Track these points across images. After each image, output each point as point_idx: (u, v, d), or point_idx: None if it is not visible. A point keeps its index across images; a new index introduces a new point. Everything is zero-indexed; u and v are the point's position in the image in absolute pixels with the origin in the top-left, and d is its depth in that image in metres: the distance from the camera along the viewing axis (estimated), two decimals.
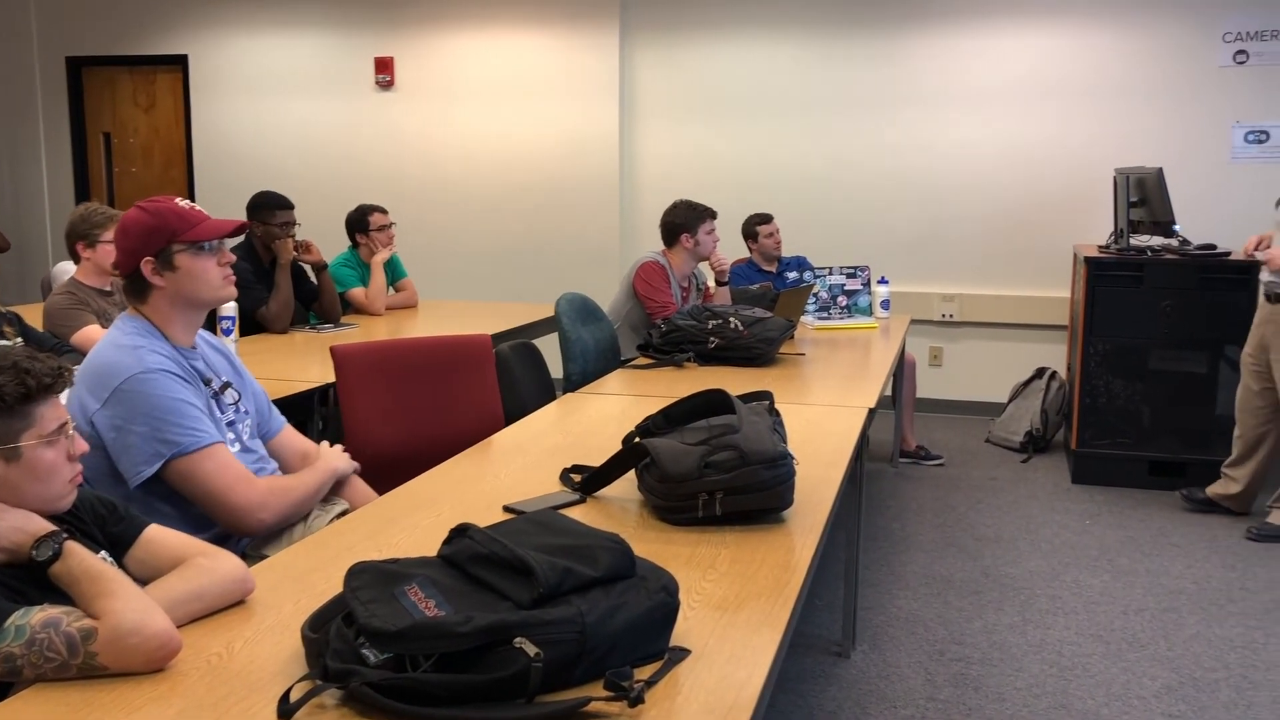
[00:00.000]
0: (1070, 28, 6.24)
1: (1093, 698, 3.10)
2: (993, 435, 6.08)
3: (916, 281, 6.49)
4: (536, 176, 7.09)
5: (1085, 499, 5.02)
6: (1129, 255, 5.22)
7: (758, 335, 3.81)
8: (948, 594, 3.87)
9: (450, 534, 1.60)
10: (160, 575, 1.64)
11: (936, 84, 6.46)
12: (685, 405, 2.31)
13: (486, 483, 2.41)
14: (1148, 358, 5.19)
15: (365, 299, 5.12)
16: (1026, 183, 6.40)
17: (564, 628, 1.39)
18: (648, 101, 6.95)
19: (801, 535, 2.06)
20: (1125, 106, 6.21)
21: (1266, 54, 6.01)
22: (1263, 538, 4.54)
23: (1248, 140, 6.11)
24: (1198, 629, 3.58)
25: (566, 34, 6.92)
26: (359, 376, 3.03)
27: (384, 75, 7.21)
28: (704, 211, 4.69)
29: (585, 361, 4.14)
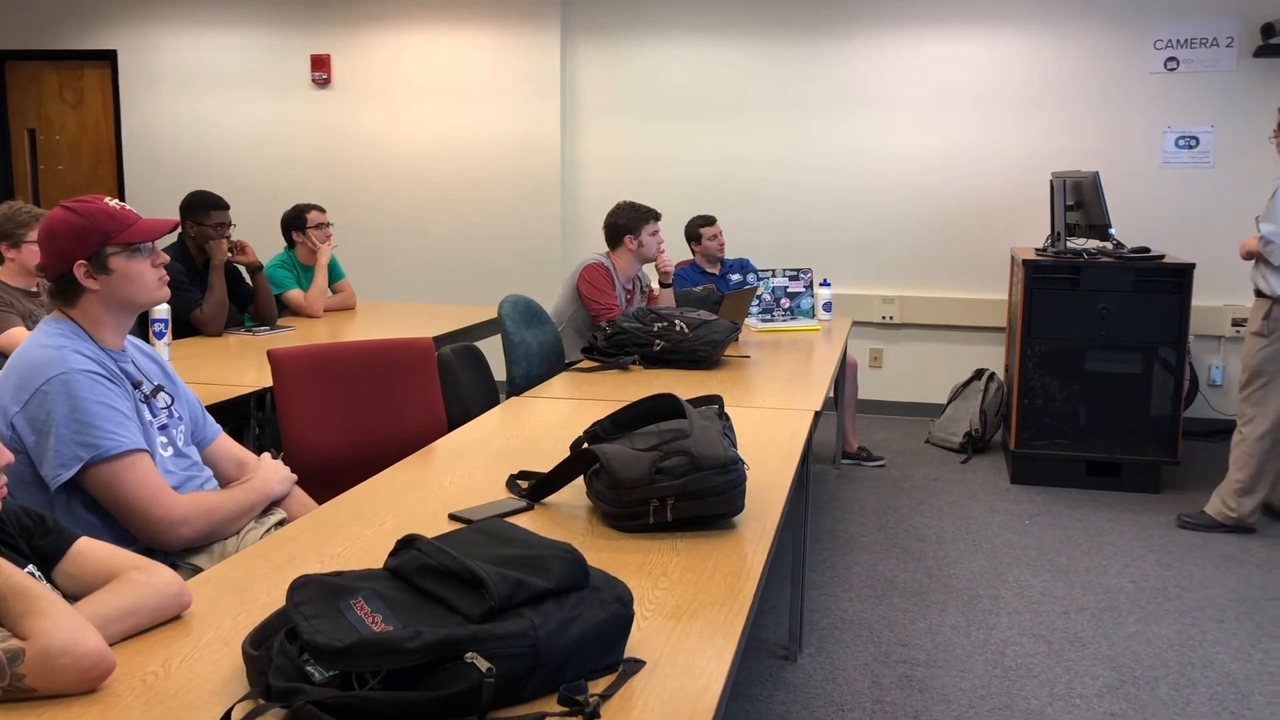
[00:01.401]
0: (1007, 35, 6.32)
1: (1036, 697, 3.12)
2: (933, 436, 6.13)
3: (857, 284, 6.53)
4: (477, 177, 7.02)
5: (1024, 499, 5.08)
6: (1066, 258, 5.29)
7: (703, 338, 3.79)
8: (892, 595, 3.88)
9: (397, 545, 1.55)
10: (91, 591, 1.57)
11: (877, 88, 6.51)
12: (635, 410, 2.27)
13: (431, 490, 2.36)
14: (1084, 359, 5.27)
15: (303, 301, 5.02)
16: (965, 186, 6.47)
17: (516, 642, 1.35)
18: (589, 102, 6.91)
19: (753, 541, 2.04)
20: (1060, 112, 6.30)
21: (1196, 61, 6.13)
22: (1192, 526, 4.65)
23: (1178, 145, 6.23)
24: (1137, 627, 3.62)
25: (507, 33, 6.86)
26: (297, 381, 2.96)
27: (320, 73, 7.09)
28: (647, 213, 4.67)
29: (529, 364, 4.09)
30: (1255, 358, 4.58)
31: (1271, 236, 4.43)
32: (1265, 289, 4.54)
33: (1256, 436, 4.57)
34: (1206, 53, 6.12)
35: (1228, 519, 4.60)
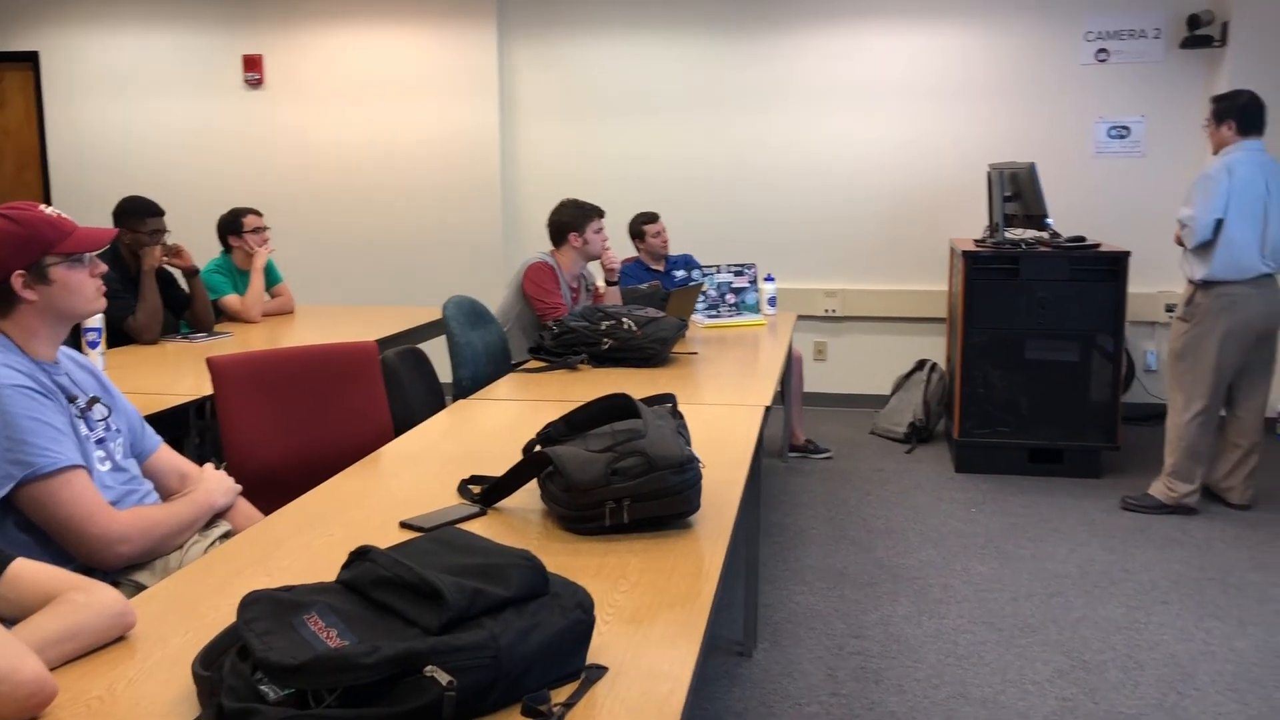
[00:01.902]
0: (942, 28, 6.38)
1: (989, 685, 3.15)
2: (877, 427, 6.18)
3: (800, 278, 6.56)
4: (416, 176, 6.93)
5: (969, 487, 5.13)
6: (1004, 248, 5.36)
7: (651, 335, 3.77)
8: (844, 587, 3.90)
9: (350, 557, 1.51)
10: (29, 614, 1.51)
11: (815, 83, 6.54)
12: (588, 411, 2.25)
13: (380, 498, 2.31)
14: (1024, 348, 5.33)
15: (240, 306, 4.92)
16: (904, 179, 6.52)
17: (477, 653, 1.32)
18: (528, 100, 6.86)
19: (710, 540, 2.03)
20: (995, 104, 6.38)
21: (1125, 52, 6.24)
22: (1135, 509, 4.75)
23: (1110, 135, 6.33)
24: (1084, 611, 3.67)
25: (443, 31, 6.78)
26: (238, 388, 2.89)
27: (253, 73, 6.96)
28: (592, 210, 4.64)
29: (475, 366, 4.05)
30: (1178, 341, 4.70)
31: (1186, 220, 4.55)
32: (1188, 273, 4.65)
33: (1185, 420, 4.68)
34: (1135, 44, 6.23)
35: (1170, 499, 4.69)
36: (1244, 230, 4.52)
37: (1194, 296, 4.64)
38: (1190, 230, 4.53)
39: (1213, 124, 4.68)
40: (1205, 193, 4.53)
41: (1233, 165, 4.54)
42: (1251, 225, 4.53)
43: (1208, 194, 4.53)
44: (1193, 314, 4.64)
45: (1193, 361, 4.65)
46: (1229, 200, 4.50)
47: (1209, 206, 4.51)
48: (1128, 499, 4.81)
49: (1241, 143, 4.60)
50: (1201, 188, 4.56)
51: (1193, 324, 4.64)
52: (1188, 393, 4.68)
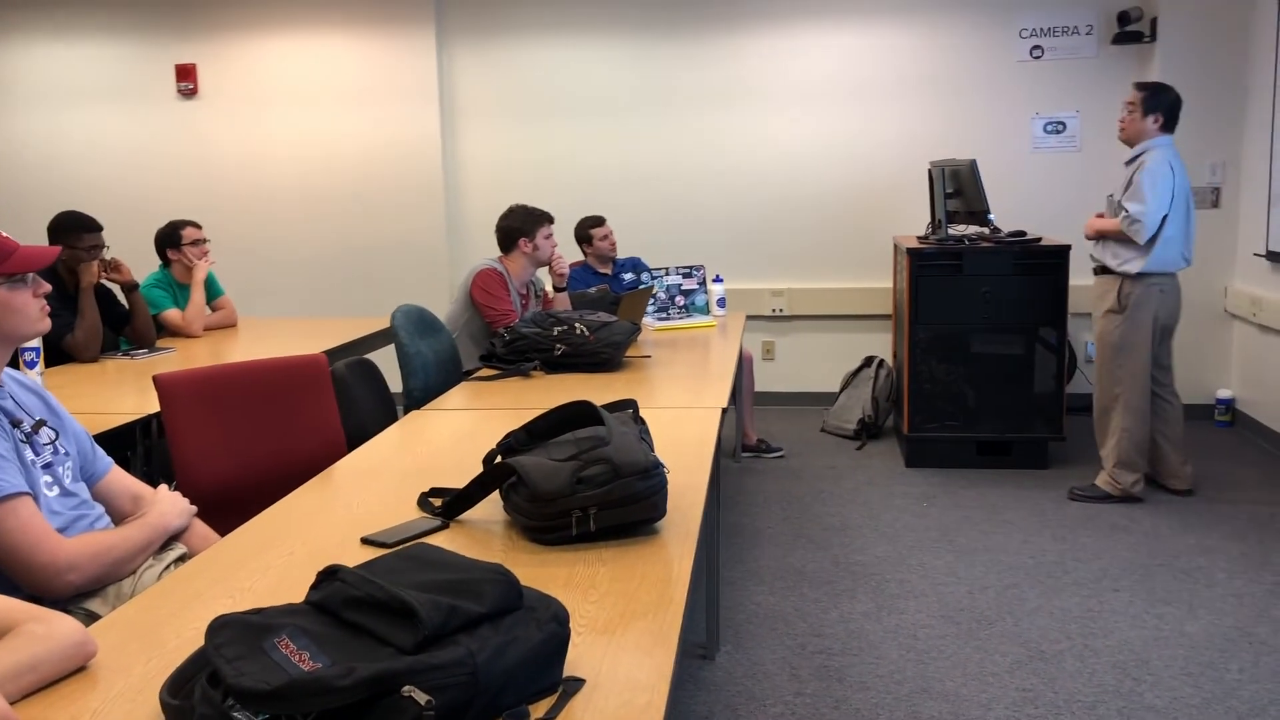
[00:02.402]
0: (881, 28, 6.44)
1: (951, 679, 3.18)
2: (827, 424, 6.22)
3: (746, 278, 6.58)
4: (356, 184, 6.85)
5: (920, 482, 5.18)
6: (948, 245, 5.42)
7: (604, 340, 3.76)
8: (803, 586, 3.91)
9: (318, 577, 1.48)
10: None
11: (756, 83, 6.57)
12: (549, 419, 2.23)
13: (338, 514, 2.27)
14: (970, 342, 5.40)
15: (181, 320, 4.83)
16: (845, 178, 6.57)
17: (454, 671, 1.30)
18: (469, 105, 6.81)
19: (677, 545, 2.02)
20: (934, 102, 6.45)
21: (1059, 49, 6.35)
22: (1083, 498, 4.82)
23: (1046, 131, 6.44)
24: (1039, 602, 3.72)
25: (380, 37, 6.71)
26: (186, 406, 2.82)
27: (186, 83, 6.83)
28: (541, 216, 4.61)
29: (426, 376, 4.00)
30: (1114, 335, 4.75)
31: (1138, 215, 4.57)
32: (1116, 266, 4.71)
33: (1124, 412, 4.75)
34: (1068, 40, 6.34)
35: (1116, 490, 4.77)
36: (1177, 226, 4.63)
37: (1124, 288, 4.71)
38: (1142, 225, 4.57)
39: (1139, 111, 4.71)
40: (1155, 189, 4.57)
41: (1171, 162, 4.63)
42: (1182, 221, 4.66)
43: (1157, 190, 4.57)
44: (1125, 305, 4.71)
45: (1130, 352, 4.74)
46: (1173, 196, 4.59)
47: (1161, 203, 4.57)
48: (1075, 490, 4.89)
49: (1161, 138, 4.69)
50: (1150, 183, 4.58)
51: (1125, 316, 4.71)
52: (1125, 384, 4.76)
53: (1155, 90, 4.76)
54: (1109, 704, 3.02)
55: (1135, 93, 4.78)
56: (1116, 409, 4.80)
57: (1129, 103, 4.77)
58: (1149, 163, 4.64)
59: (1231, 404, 6.11)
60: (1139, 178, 4.65)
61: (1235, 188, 6.09)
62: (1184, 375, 6.18)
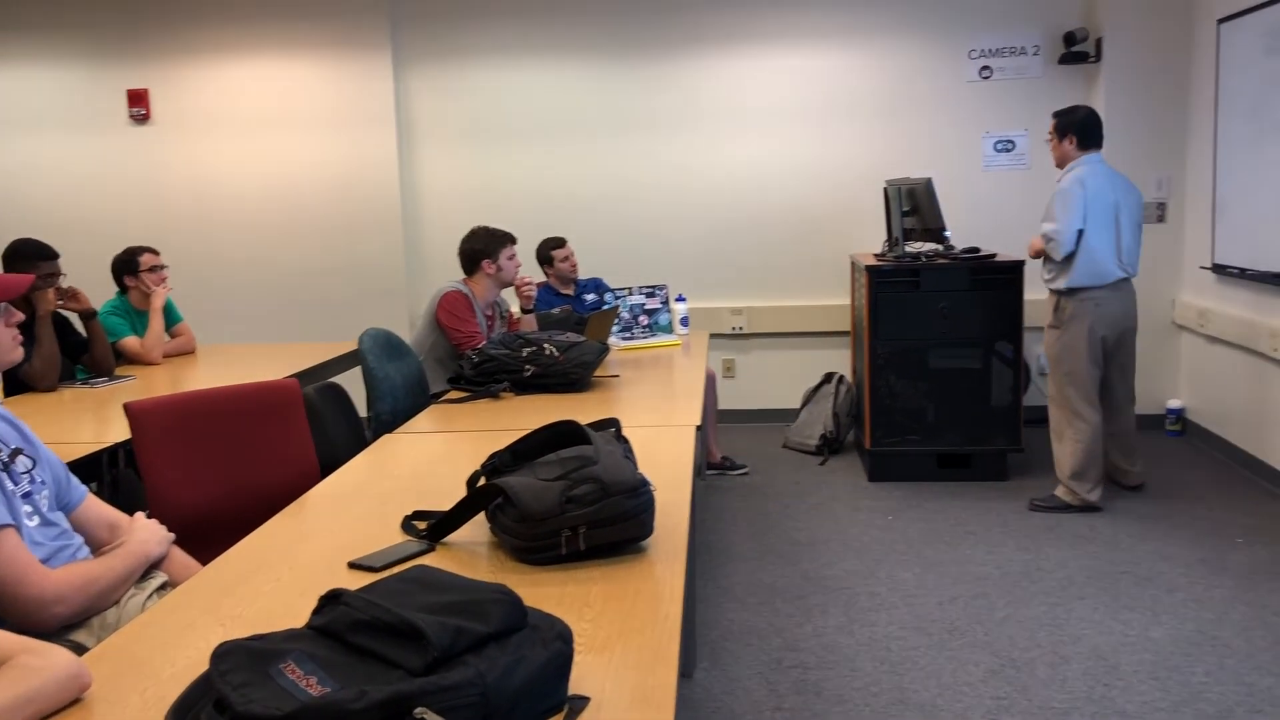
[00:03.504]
0: (835, 51, 6.54)
1: (926, 689, 3.22)
2: (789, 441, 6.27)
3: (706, 297, 6.62)
4: (313, 209, 6.81)
5: (884, 496, 5.24)
6: (905, 262, 5.50)
7: (574, 360, 3.77)
8: (775, 601, 3.94)
9: (321, 601, 1.47)
10: None
11: (712, 105, 6.63)
12: (533, 439, 2.23)
13: (322, 539, 2.26)
14: (928, 357, 5.47)
15: (140, 348, 4.77)
16: (803, 197, 6.65)
17: (465, 691, 1.30)
18: (426, 129, 6.81)
19: (665, 562, 2.03)
20: (888, 122, 6.56)
21: (1008, 69, 6.48)
22: (1042, 509, 4.92)
23: (997, 149, 6.57)
24: (1008, 611, 3.78)
25: (335, 62, 6.69)
26: (158, 434, 2.79)
27: (138, 109, 6.76)
28: (504, 237, 4.62)
29: (395, 399, 3.98)
30: (1054, 348, 4.96)
31: (1051, 234, 4.79)
32: (1047, 283, 4.93)
33: (1076, 426, 4.88)
34: (1016, 61, 6.48)
35: (1075, 500, 4.87)
36: (1101, 239, 4.79)
37: (1060, 304, 4.90)
38: (1056, 243, 4.77)
39: (1055, 138, 4.96)
40: (1064, 206, 4.78)
41: (1084, 178, 4.81)
42: (1107, 233, 4.81)
43: (1067, 207, 4.77)
44: (1062, 320, 4.90)
45: (1070, 365, 4.89)
46: (1086, 211, 4.76)
47: (1070, 219, 4.75)
48: (1035, 501, 4.98)
49: (1084, 157, 4.88)
50: (1060, 202, 4.80)
51: (1063, 330, 4.89)
52: (1073, 398, 4.89)
53: (1063, 114, 5.00)
54: (1082, 710, 3.07)
55: (1051, 121, 5.03)
56: (1065, 420, 4.93)
57: (1048, 133, 5.03)
58: (1062, 182, 4.88)
59: (1182, 413, 6.24)
60: (1052, 198, 4.89)
61: (1180, 202, 6.25)
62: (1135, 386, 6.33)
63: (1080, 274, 4.80)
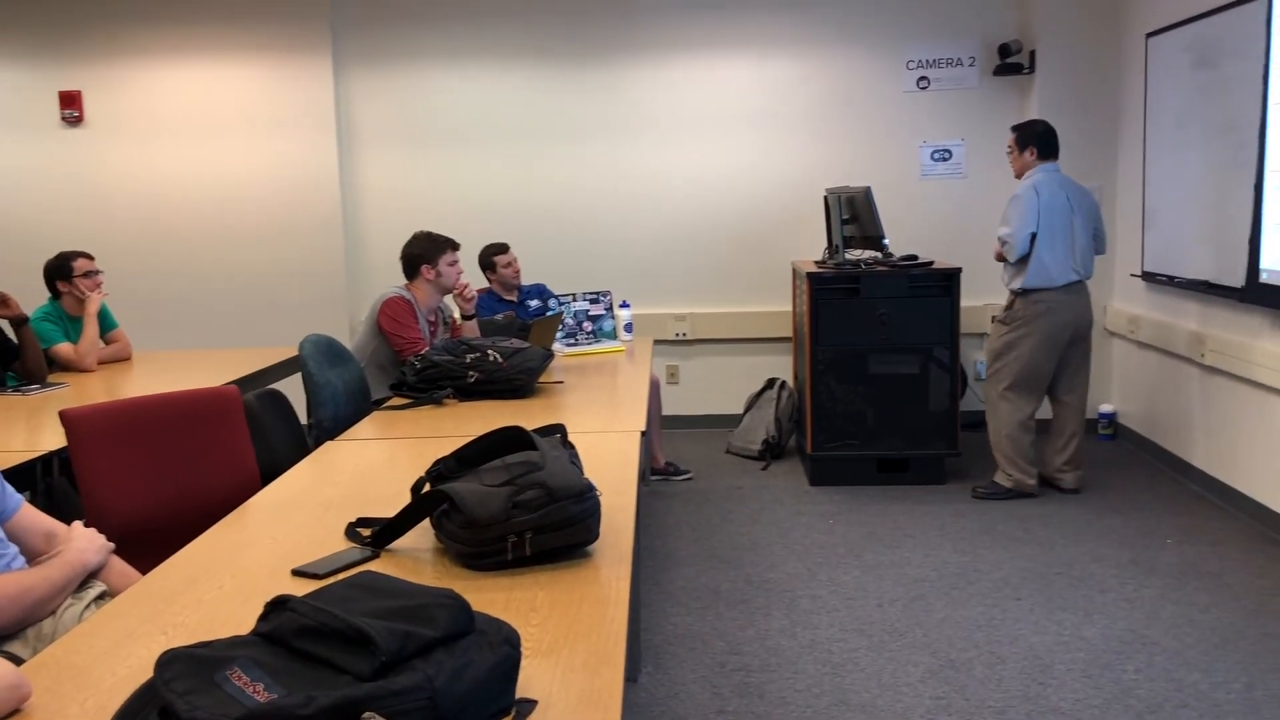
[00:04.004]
0: (776, 59, 6.61)
1: (867, 690, 3.26)
2: (732, 446, 6.31)
3: (650, 303, 6.65)
4: (252, 214, 6.73)
5: (825, 500, 5.30)
6: (845, 269, 5.57)
7: (518, 366, 3.77)
8: (718, 605, 3.97)
9: (267, 608, 1.47)
10: None
11: (657, 112, 6.67)
12: (479, 445, 2.24)
13: (264, 547, 2.24)
14: (868, 363, 5.54)
15: (74, 354, 4.68)
16: (744, 204, 6.71)
17: (414, 696, 1.30)
18: (368, 133, 6.76)
19: (611, 567, 2.05)
20: (828, 131, 6.64)
21: (945, 80, 6.60)
22: (986, 496, 5.18)
23: (934, 158, 6.68)
24: (945, 613, 3.84)
25: (275, 66, 6.63)
26: (96, 441, 2.75)
27: (71, 110, 6.63)
28: (444, 242, 4.60)
29: (336, 406, 3.95)
30: (997, 342, 5.24)
31: (1005, 238, 5.05)
32: (1006, 284, 5.18)
33: (1008, 419, 5.17)
34: (953, 72, 6.60)
35: (1013, 484, 5.17)
36: (1054, 242, 5.03)
37: (1013, 304, 5.17)
38: (1010, 245, 5.03)
39: (1015, 150, 5.21)
40: (1018, 212, 5.04)
41: (1038, 185, 5.06)
42: (1061, 237, 5.04)
43: (1020, 212, 5.03)
44: (1011, 319, 5.17)
45: (1009, 360, 5.16)
46: (1039, 216, 5.00)
47: (1023, 224, 5.00)
48: (977, 489, 5.26)
49: (1041, 165, 5.14)
50: (1014, 208, 5.07)
51: (1010, 328, 5.17)
52: (1002, 388, 5.19)
53: (1024, 128, 5.27)
54: (1018, 708, 3.13)
55: (1010, 135, 5.28)
56: (1001, 412, 5.20)
57: (1008, 145, 5.28)
58: (1017, 189, 5.14)
59: (1114, 417, 6.39)
60: (1007, 203, 5.13)
61: (1111, 212, 6.38)
62: None
63: (1033, 276, 5.04)
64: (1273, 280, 4.42)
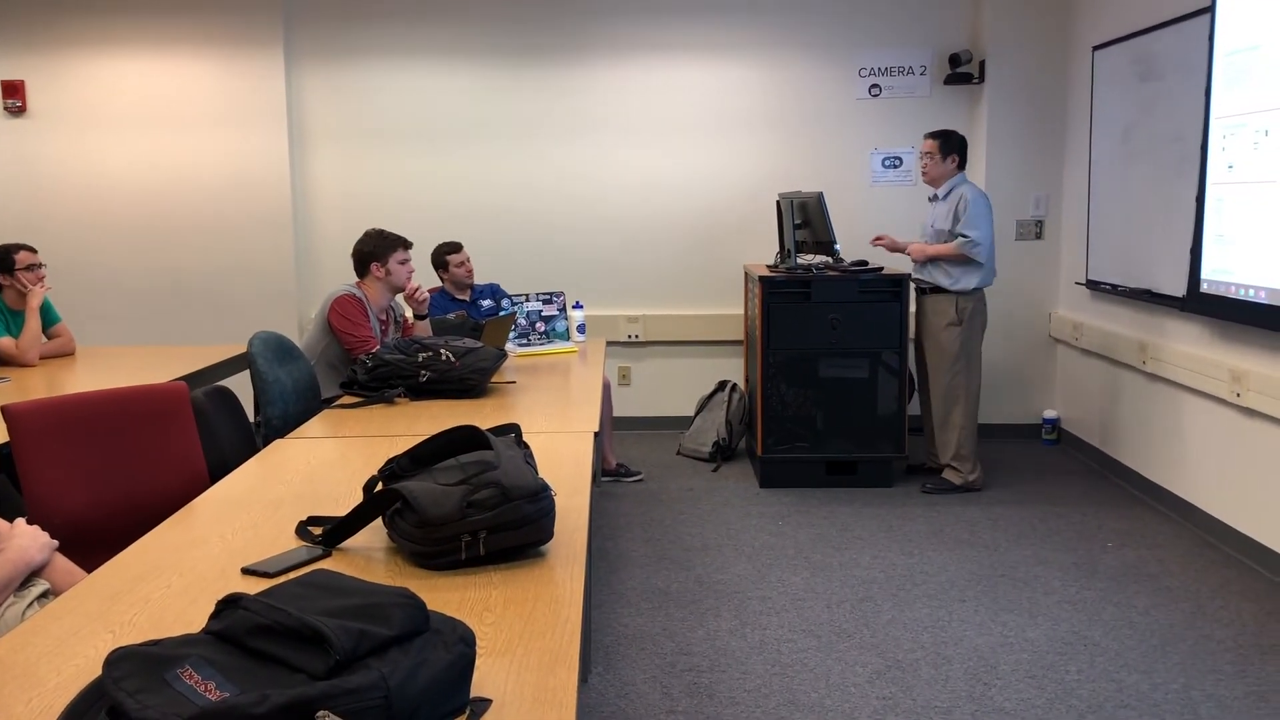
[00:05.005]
0: (729, 65, 6.64)
1: (815, 690, 3.29)
2: (683, 448, 6.33)
3: (602, 304, 6.66)
4: (200, 209, 6.63)
5: (774, 501, 5.34)
6: (797, 273, 5.61)
7: (470, 366, 3.75)
8: (668, 606, 3.98)
9: (218, 606, 1.45)
10: None
11: (610, 114, 6.67)
12: (433, 444, 2.22)
13: (213, 545, 2.21)
14: (818, 366, 5.59)
15: (15, 349, 4.59)
16: (697, 207, 6.74)
17: (368, 694, 1.29)
18: (320, 129, 6.70)
19: (565, 567, 2.05)
20: (781, 136, 6.69)
21: (896, 87, 6.67)
22: (934, 492, 5.38)
23: (884, 165, 6.75)
24: (892, 614, 3.89)
25: (225, 59, 6.54)
26: (39, 437, 2.70)
27: (14, 100, 6.50)
28: (395, 240, 4.58)
29: (285, 404, 3.91)
30: (955, 345, 5.37)
31: (978, 239, 5.24)
32: (950, 285, 5.34)
33: (965, 410, 5.37)
34: (904, 80, 6.68)
35: (961, 481, 5.38)
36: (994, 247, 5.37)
37: (960, 304, 5.35)
38: (982, 247, 5.27)
39: (937, 156, 5.42)
40: (986, 215, 5.31)
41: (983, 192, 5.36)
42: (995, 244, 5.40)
43: (987, 216, 5.31)
44: (962, 318, 5.36)
45: (969, 358, 5.39)
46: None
47: (991, 227, 5.32)
48: (926, 485, 5.43)
49: (962, 174, 5.44)
50: (981, 211, 5.29)
51: (964, 328, 5.36)
52: (964, 387, 5.38)
53: (947, 136, 5.47)
54: (963, 708, 3.18)
55: (930, 141, 5.49)
56: (957, 409, 5.39)
57: (926, 151, 5.48)
58: (969, 194, 5.31)
59: (1057, 423, 6.50)
60: (969, 208, 5.28)
61: (1057, 220, 6.51)
62: (1012, 396, 6.60)
63: (986, 276, 5.34)
64: (1213, 290, 4.53)
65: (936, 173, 5.43)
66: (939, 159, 5.39)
